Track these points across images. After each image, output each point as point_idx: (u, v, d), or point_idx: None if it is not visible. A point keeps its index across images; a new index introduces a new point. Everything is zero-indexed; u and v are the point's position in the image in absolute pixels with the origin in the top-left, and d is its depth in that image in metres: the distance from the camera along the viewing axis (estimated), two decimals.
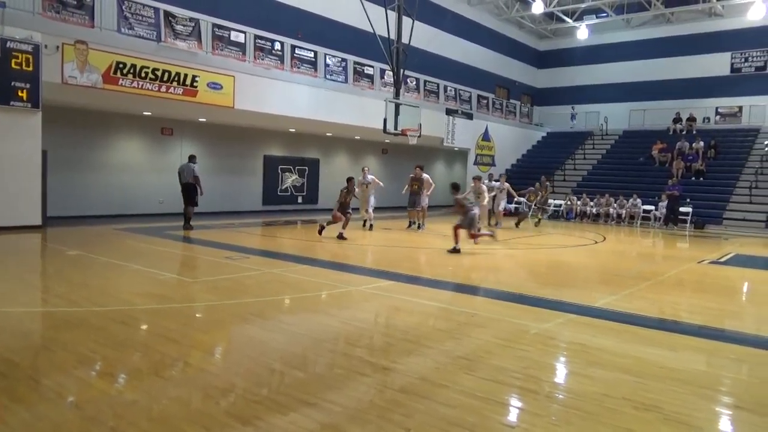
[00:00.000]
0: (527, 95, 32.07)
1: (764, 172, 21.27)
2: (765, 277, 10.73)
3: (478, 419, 3.49)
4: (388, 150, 25.20)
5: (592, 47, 29.72)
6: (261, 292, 7.25)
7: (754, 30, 25.12)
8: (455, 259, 10.58)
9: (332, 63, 18.47)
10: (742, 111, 25.54)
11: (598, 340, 5.36)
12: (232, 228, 14.54)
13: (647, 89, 28.02)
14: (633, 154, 25.53)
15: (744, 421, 3.72)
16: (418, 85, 22.12)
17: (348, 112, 18.22)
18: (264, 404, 3.64)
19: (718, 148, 23.51)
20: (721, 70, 26.47)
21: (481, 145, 25.82)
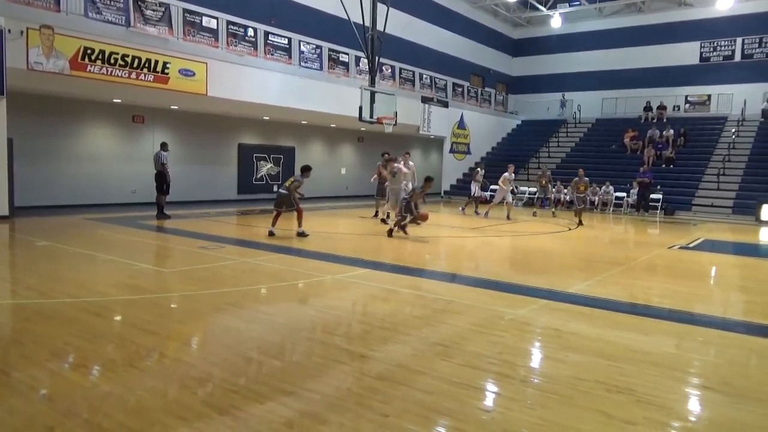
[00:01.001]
0: (502, 83, 32.23)
1: (731, 159, 21.80)
2: (732, 261, 11.03)
3: (455, 405, 3.54)
4: (364, 138, 25.13)
5: (565, 36, 29.95)
6: (237, 281, 7.19)
7: (723, 20, 25.60)
8: (431, 247, 10.64)
9: (307, 50, 18.29)
10: (710, 99, 26.08)
11: (572, 325, 5.46)
12: (206, 217, 14.38)
13: (619, 78, 28.38)
14: (605, 141, 25.90)
15: (712, 400, 3.84)
16: (394, 72, 22.04)
17: (323, 99, 18.08)
18: (241, 393, 3.62)
19: (687, 136, 24.00)
20: (690, 59, 26.94)
21: (457, 133, 25.91)
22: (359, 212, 12.98)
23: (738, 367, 4.59)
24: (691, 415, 3.65)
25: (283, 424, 3.21)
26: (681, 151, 23.44)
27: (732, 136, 23.25)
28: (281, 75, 17.02)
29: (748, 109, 24.28)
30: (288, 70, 17.38)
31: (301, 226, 10.89)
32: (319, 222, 14.41)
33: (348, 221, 12.42)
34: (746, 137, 23.14)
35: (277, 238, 10.58)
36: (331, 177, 24.07)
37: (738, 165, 21.51)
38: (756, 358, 4.84)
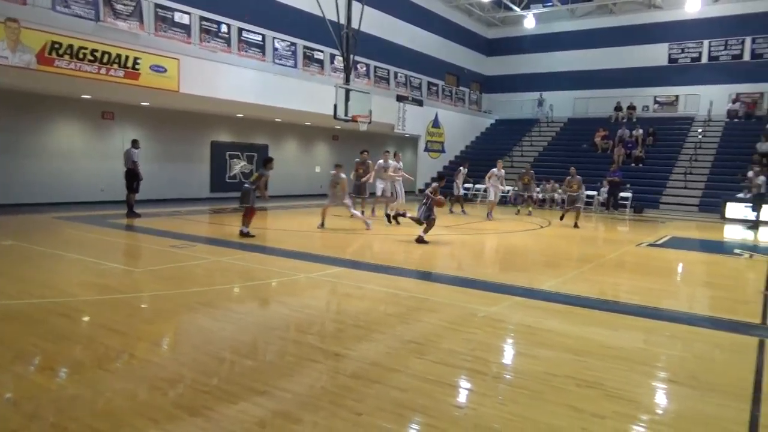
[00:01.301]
0: (476, 82, 32.47)
1: (698, 158, 22.35)
2: (698, 258, 11.31)
3: (429, 402, 3.56)
4: (339, 136, 25.06)
5: (538, 36, 30.29)
6: (209, 280, 7.11)
7: (691, 22, 26.20)
8: (406, 245, 10.68)
9: (281, 47, 18.15)
10: (678, 100, 26.69)
11: (544, 322, 5.54)
12: (178, 216, 14.17)
13: (590, 78, 28.83)
14: (577, 141, 26.29)
15: (678, 394, 3.94)
16: (369, 71, 22.02)
17: (297, 97, 17.96)
18: (213, 394, 3.59)
19: (656, 136, 24.53)
20: (659, 61, 27.50)
21: (432, 131, 26.02)
22: (334, 210, 12.94)
23: (704, 361, 4.71)
24: (658, 409, 3.73)
25: (256, 424, 3.19)
26: (649, 150, 23.94)
27: (698, 135, 23.85)
28: (255, 72, 16.87)
29: (714, 109, 24.92)
30: (262, 68, 17.24)
31: (247, 225, 10.54)
32: (294, 220, 14.34)
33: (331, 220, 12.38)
34: (712, 137, 23.76)
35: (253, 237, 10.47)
36: (305, 175, 23.94)
37: (704, 164, 22.07)
38: (721, 352, 4.97)
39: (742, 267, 10.24)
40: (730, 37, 25.69)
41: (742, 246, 12.78)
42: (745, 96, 24.92)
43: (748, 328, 5.64)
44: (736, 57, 25.69)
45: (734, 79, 25.26)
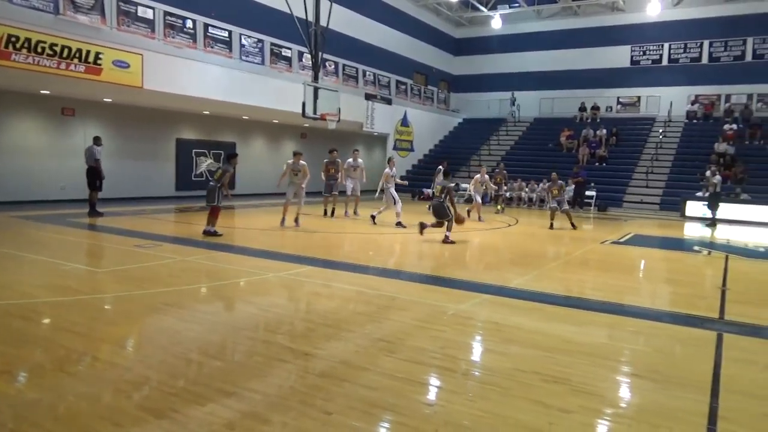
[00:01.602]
0: (444, 82, 32.68)
1: (659, 158, 22.98)
2: (659, 255, 11.63)
3: (398, 400, 3.57)
4: (308, 134, 24.90)
5: (505, 36, 30.65)
6: (175, 280, 6.98)
7: (652, 25, 26.90)
8: (375, 243, 10.69)
9: (248, 44, 17.93)
10: (640, 101, 27.38)
11: (511, 319, 5.62)
12: (143, 215, 13.87)
13: (556, 78, 29.32)
14: (543, 140, 26.73)
15: (641, 387, 4.04)
16: (337, 69, 21.94)
17: (265, 94, 17.77)
18: (180, 396, 3.52)
19: (618, 136, 25.11)
20: (622, 62, 28.15)
21: (400, 130, 26.08)
22: (303, 209, 12.85)
23: (664, 355, 4.85)
24: (622, 402, 3.82)
25: (224, 426, 3.15)
26: (613, 150, 24.49)
27: (659, 136, 24.52)
28: (221, 69, 16.62)
29: (674, 110, 25.64)
30: (228, 64, 17.00)
31: (213, 225, 10.36)
32: (262, 219, 14.20)
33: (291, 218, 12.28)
34: (672, 137, 24.45)
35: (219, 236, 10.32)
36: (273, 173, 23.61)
37: (665, 164, 22.71)
38: (681, 346, 5.12)
39: (701, 264, 10.57)
40: (689, 40, 26.47)
41: (701, 243, 13.20)
42: (703, 98, 25.73)
43: (706, 322, 5.83)
44: (694, 60, 26.50)
45: (693, 81, 26.05)
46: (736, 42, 25.50)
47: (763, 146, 22.05)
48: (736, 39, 25.46)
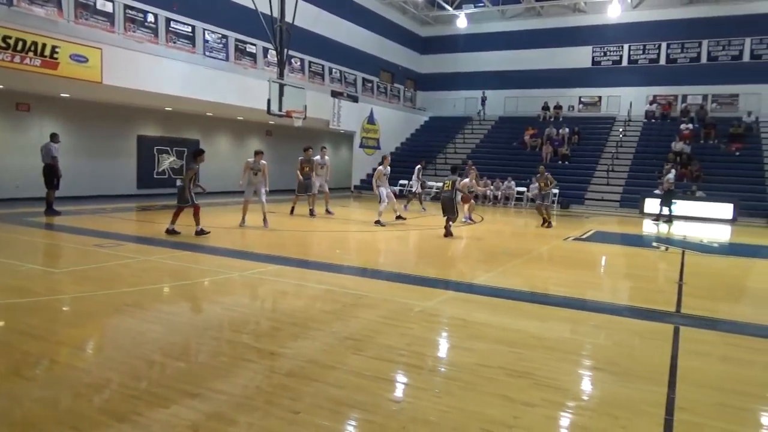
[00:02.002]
0: (411, 80, 32.78)
1: (619, 156, 23.57)
2: (619, 251, 11.94)
3: (366, 397, 3.57)
4: (273, 132, 24.66)
5: (471, 35, 30.91)
6: (137, 281, 6.82)
7: (612, 27, 27.52)
8: (343, 242, 10.67)
9: (212, 39, 17.62)
10: (601, 101, 28.01)
11: (477, 315, 5.68)
12: (102, 213, 13.51)
13: (520, 78, 29.73)
14: (508, 139, 27.09)
15: (601, 380, 4.15)
16: (303, 66, 21.78)
17: (229, 91, 17.51)
18: (143, 398, 3.45)
19: (580, 135, 25.64)
20: (583, 63, 28.72)
21: (367, 128, 26.07)
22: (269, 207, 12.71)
23: (624, 348, 4.98)
24: (583, 395, 3.92)
25: (188, 428, 3.10)
26: (575, 148, 25.00)
27: (619, 135, 25.14)
28: (184, 64, 16.29)
29: (633, 110, 26.32)
30: (192, 60, 16.67)
31: (198, 224, 10.20)
32: (227, 217, 13.99)
33: (256, 216, 12.13)
34: (632, 136, 25.11)
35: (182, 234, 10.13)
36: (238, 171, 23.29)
37: (624, 162, 23.30)
38: (640, 340, 5.27)
39: (659, 259, 10.89)
40: (648, 42, 27.21)
41: (659, 239, 13.60)
42: (661, 98, 26.47)
43: (664, 316, 6.01)
44: (653, 61, 27.24)
45: (651, 81, 26.78)
46: (692, 44, 26.32)
47: (718, 145, 22.84)
48: (692, 41, 26.29)
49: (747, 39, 25.09)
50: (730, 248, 12.98)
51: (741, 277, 9.28)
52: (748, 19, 24.82)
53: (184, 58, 16.41)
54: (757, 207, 18.92)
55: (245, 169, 11.93)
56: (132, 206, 15.74)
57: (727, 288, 8.12)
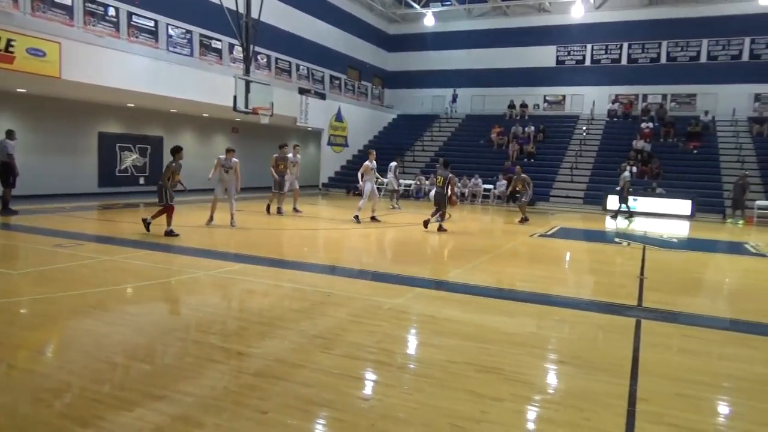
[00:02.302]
0: (378, 77, 32.78)
1: (583, 154, 24.06)
2: (583, 247, 12.19)
3: (335, 396, 3.57)
4: (239, 129, 24.35)
5: (438, 34, 31.08)
6: (99, 281, 6.65)
7: (576, 27, 28.05)
8: (312, 240, 10.61)
9: (175, 34, 17.28)
10: (565, 99, 28.54)
11: (445, 311, 5.73)
12: (62, 212, 13.12)
13: (487, 76, 30.04)
14: (475, 136, 27.35)
15: (566, 373, 4.23)
16: (270, 62, 21.55)
17: (194, 87, 17.19)
18: (106, 402, 3.37)
19: (545, 133, 26.08)
20: (548, 62, 29.19)
21: (335, 125, 25.98)
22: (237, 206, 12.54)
23: (587, 341, 5.09)
24: (549, 388, 3.99)
25: (154, 431, 3.04)
26: (540, 146, 25.41)
27: (583, 133, 25.67)
28: (147, 59, 15.93)
29: (596, 109, 26.92)
30: (155, 55, 16.31)
31: (169, 224, 9.97)
32: (193, 216, 13.75)
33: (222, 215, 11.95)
34: (595, 135, 25.66)
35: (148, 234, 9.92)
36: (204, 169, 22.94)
37: (588, 159, 23.80)
38: (603, 333, 5.39)
39: (621, 254, 11.16)
40: (610, 42, 27.82)
41: (621, 235, 13.94)
42: (622, 97, 27.12)
43: (626, 309, 6.17)
44: (615, 61, 27.86)
45: (613, 81, 27.40)
46: (652, 45, 27.03)
47: (676, 144, 23.53)
48: (652, 42, 26.99)
49: (704, 40, 25.91)
50: (688, 243, 13.40)
51: (698, 271, 9.59)
52: (704, 21, 25.63)
53: (147, 53, 16.04)
54: (713, 203, 19.56)
55: (216, 165, 11.74)
56: (93, 205, 15.33)
57: (686, 282, 8.38)
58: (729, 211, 18.48)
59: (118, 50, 15.07)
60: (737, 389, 4.05)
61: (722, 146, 22.81)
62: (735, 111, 24.20)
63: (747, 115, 24.26)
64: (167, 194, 9.97)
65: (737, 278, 9.03)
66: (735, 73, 25.01)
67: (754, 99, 24.62)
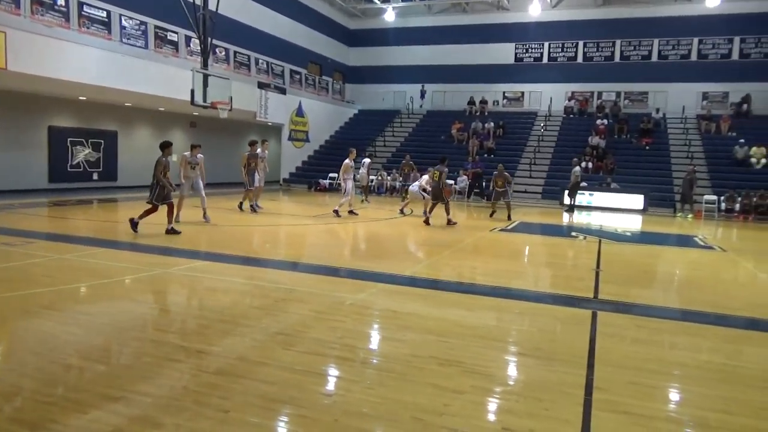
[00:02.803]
0: (339, 72, 32.61)
1: (541, 150, 24.54)
2: (542, 241, 12.45)
3: (297, 392, 3.55)
4: (198, 123, 23.85)
5: (398, 29, 31.12)
6: (51, 281, 6.42)
7: (533, 25, 28.53)
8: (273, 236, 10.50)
9: (129, 25, 16.76)
10: (523, 96, 29.02)
11: (408, 306, 5.77)
12: (10, 209, 12.59)
13: (447, 72, 30.25)
14: (435, 132, 27.53)
15: (526, 365, 4.32)
16: (228, 55, 21.17)
17: (149, 80, 16.73)
18: (59, 405, 3.26)
19: (505, 129, 26.48)
20: (507, 59, 29.62)
21: (295, 120, 25.74)
22: (193, 201, 12.28)
23: (546, 333, 5.21)
24: (509, 380, 4.07)
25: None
26: (499, 142, 25.79)
27: (541, 129, 26.17)
28: (99, 51, 15.40)
29: (553, 106, 27.47)
30: (108, 47, 15.79)
31: (141, 218, 9.64)
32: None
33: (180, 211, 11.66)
34: (552, 131, 26.19)
35: (100, 230, 9.62)
36: None
37: (546, 155, 24.29)
38: (560, 325, 5.53)
39: (577, 248, 11.45)
40: (566, 40, 28.41)
41: (578, 229, 14.30)
42: (578, 94, 27.78)
43: (582, 302, 6.34)
44: (571, 59, 28.49)
45: (570, 78, 28.02)
46: (606, 44, 27.74)
47: (629, 140, 24.26)
48: (606, 41, 27.70)
49: (655, 40, 26.75)
50: (641, 237, 13.85)
51: (651, 264, 9.92)
52: (656, 22, 26.47)
53: (99, 44, 15.52)
54: (664, 198, 20.28)
55: (183, 163, 11.44)
56: (44, 201, 14.78)
57: (639, 274, 8.66)
58: (679, 206, 19.19)
59: (68, 41, 14.54)
60: (687, 376, 4.22)
61: (673, 143, 23.65)
62: (684, 109, 25.09)
63: (696, 113, 25.20)
64: (155, 192, 9.60)
65: (687, 270, 9.39)
66: (684, 72, 25.94)
67: (702, 97, 25.61)
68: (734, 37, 25.46)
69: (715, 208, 19.03)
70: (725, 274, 8.90)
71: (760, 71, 24.59)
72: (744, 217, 18.49)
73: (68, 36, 14.64)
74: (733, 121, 23.68)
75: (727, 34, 25.53)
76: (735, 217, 18.70)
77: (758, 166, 21.00)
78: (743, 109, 24.35)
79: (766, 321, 6.04)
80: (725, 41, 25.65)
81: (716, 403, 3.72)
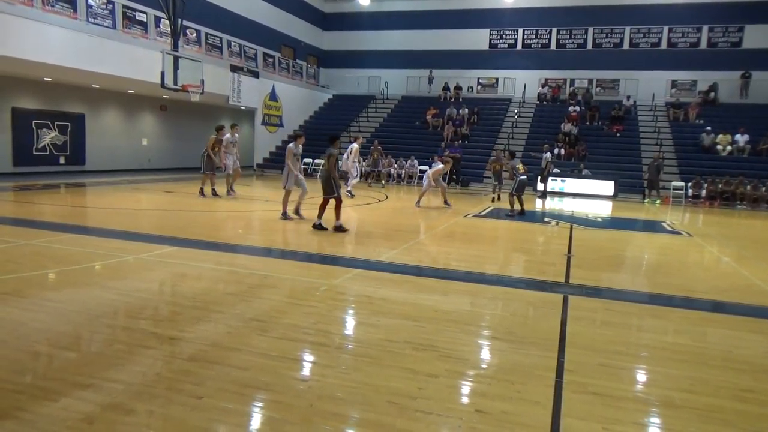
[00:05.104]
0: (313, 56, 32.23)
1: (514, 136, 24.72)
2: (514, 226, 12.57)
3: (272, 378, 3.54)
4: (168, 107, 23.37)
5: (373, 14, 30.88)
6: (16, 267, 6.25)
7: (508, 11, 28.60)
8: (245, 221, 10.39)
9: (95, 4, 16.25)
10: (497, 82, 29.14)
11: (382, 291, 5.79)
12: None
13: (421, 58, 30.16)
14: (410, 118, 27.51)
15: (499, 348, 4.39)
16: (199, 37, 20.73)
17: (117, 62, 16.29)
18: (27, 393, 3.20)
19: (479, 115, 26.60)
20: (481, 45, 29.66)
21: (269, 104, 25.41)
22: (165, 186, 12.07)
23: (519, 317, 5.29)
24: (482, 363, 4.13)
25: (82, 421, 2.92)
26: (474, 128, 25.90)
27: (515, 116, 26.35)
28: (64, 30, 14.92)
29: (527, 92, 27.66)
30: (73, 26, 15.31)
31: (338, 218, 9.49)
32: (120, 197, 13.16)
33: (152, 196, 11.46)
34: (526, 117, 26.40)
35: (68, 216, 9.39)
36: (130, 148, 22.04)
37: (519, 141, 24.47)
38: (532, 309, 5.62)
39: (550, 233, 11.61)
40: (540, 27, 28.55)
41: (551, 215, 14.49)
42: (551, 81, 28.01)
43: (554, 286, 6.45)
44: (544, 46, 28.65)
45: (543, 65, 28.23)
46: (579, 31, 27.96)
47: (601, 127, 24.60)
48: (579, 29, 27.92)
49: (627, 28, 27.06)
50: (611, 222, 14.12)
51: (620, 249, 10.13)
52: (627, 10, 26.77)
53: (64, 23, 15.04)
54: (634, 184, 20.67)
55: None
56: (8, 186, 14.35)
57: (609, 259, 8.84)
58: (647, 191, 19.59)
59: (31, 19, 14.04)
60: (653, 358, 4.33)
61: (642, 130, 24.07)
62: (654, 96, 25.52)
63: (665, 101, 25.66)
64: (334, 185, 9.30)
65: (655, 255, 9.61)
66: (654, 60, 26.36)
67: (671, 85, 26.09)
68: (703, 26, 25.92)
69: (683, 194, 19.51)
70: (691, 259, 9.14)
71: (727, 60, 25.14)
72: (710, 203, 18.99)
73: (31, 14, 14.14)
74: (700, 108, 24.19)
75: (696, 23, 25.98)
76: (701, 202, 19.20)
77: (724, 153, 21.56)
78: (710, 97, 24.89)
79: (730, 304, 6.23)
80: (694, 30, 26.09)
81: (681, 383, 3.83)
